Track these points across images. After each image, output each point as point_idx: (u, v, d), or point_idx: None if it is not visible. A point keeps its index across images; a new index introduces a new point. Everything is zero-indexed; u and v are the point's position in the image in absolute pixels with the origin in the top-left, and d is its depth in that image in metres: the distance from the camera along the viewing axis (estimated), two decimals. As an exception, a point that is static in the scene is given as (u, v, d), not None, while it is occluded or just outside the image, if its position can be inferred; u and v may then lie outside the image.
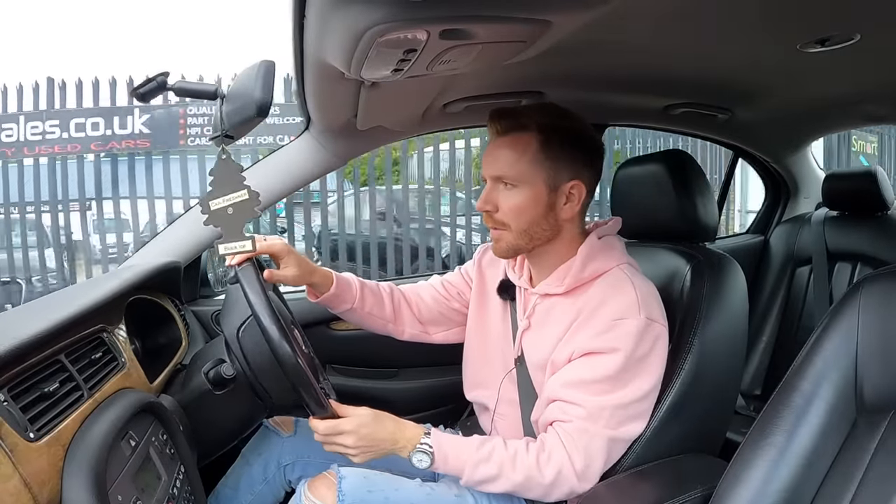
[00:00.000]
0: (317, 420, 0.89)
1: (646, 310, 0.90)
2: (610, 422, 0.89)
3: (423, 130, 1.47)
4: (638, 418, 0.92)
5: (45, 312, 0.84)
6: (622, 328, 0.88)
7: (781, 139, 1.82)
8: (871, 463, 0.66)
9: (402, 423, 0.93)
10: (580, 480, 0.89)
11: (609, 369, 0.88)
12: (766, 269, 1.93)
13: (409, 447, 0.90)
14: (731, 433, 1.14)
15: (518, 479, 0.89)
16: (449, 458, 0.90)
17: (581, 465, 0.88)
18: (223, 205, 0.89)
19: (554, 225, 0.96)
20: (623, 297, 0.91)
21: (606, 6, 0.61)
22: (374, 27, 0.58)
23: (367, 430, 0.89)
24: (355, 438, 0.88)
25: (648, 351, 0.90)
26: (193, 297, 1.44)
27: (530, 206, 0.93)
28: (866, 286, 0.71)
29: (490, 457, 0.90)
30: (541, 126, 0.93)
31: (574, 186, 0.94)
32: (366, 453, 0.90)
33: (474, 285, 1.15)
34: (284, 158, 1.33)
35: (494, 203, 0.95)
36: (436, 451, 0.90)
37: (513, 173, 0.93)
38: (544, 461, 0.89)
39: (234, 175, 0.89)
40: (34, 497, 0.63)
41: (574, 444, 0.89)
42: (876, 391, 0.68)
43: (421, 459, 0.90)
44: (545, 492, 0.90)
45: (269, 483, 1.12)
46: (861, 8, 0.78)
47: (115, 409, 0.81)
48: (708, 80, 1.18)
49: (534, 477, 0.88)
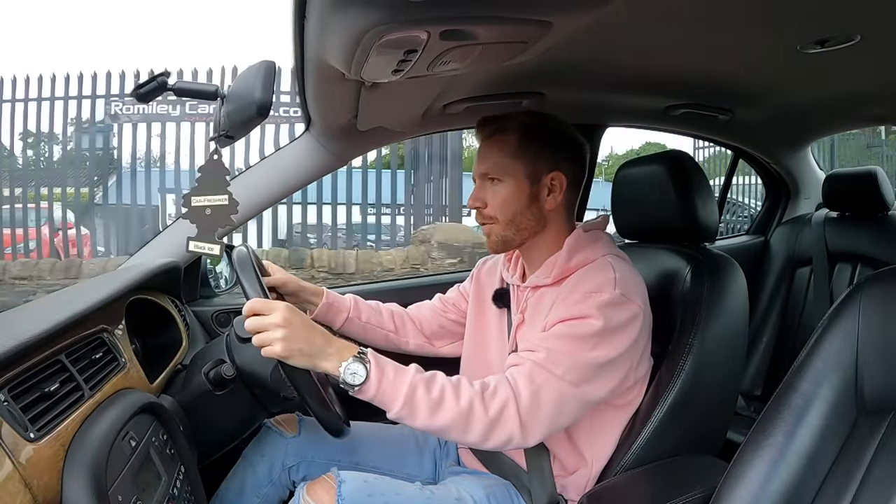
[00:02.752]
0: (250, 301, 0.86)
1: (621, 287, 0.91)
2: (568, 373, 0.87)
3: (423, 131, 1.47)
4: (600, 384, 0.89)
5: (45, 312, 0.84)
6: (595, 299, 0.90)
7: (782, 140, 1.82)
8: (872, 463, 0.66)
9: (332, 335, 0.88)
10: (523, 427, 0.85)
11: (579, 331, 0.88)
12: (766, 269, 1.93)
13: (343, 354, 0.84)
14: (731, 433, 1.14)
15: (460, 408, 0.84)
16: (386, 374, 0.84)
17: (527, 406, 0.85)
18: (203, 203, 0.90)
19: (539, 216, 1.01)
20: (600, 275, 0.93)
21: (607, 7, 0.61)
22: (375, 28, 0.58)
23: (301, 320, 0.85)
24: (285, 316, 0.83)
25: (620, 324, 0.90)
26: (194, 298, 1.44)
27: (514, 198, 0.99)
28: (866, 287, 0.71)
29: (432, 382, 0.86)
30: (521, 125, 1.00)
31: (554, 178, 1.00)
32: (291, 340, 0.82)
33: (472, 296, 1.19)
34: (284, 159, 1.33)
35: (483, 199, 1.02)
36: (373, 364, 0.84)
37: (496, 168, 1.00)
38: (489, 395, 0.86)
39: (220, 178, 0.90)
40: (34, 497, 0.63)
41: (524, 382, 0.86)
42: (876, 392, 0.68)
43: (355, 372, 0.83)
44: (485, 430, 0.85)
45: (275, 485, 1.11)
46: (861, 8, 0.78)
47: (115, 409, 0.81)
48: (708, 80, 1.18)
49: (476, 409, 0.84)
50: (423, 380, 0.85)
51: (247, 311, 0.85)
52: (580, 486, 0.99)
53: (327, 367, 0.84)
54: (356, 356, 0.84)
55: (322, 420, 0.93)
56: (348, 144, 1.31)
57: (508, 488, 1.01)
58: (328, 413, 0.93)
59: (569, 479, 1.00)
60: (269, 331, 0.83)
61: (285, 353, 0.83)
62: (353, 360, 0.84)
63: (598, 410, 0.97)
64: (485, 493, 0.98)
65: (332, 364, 0.84)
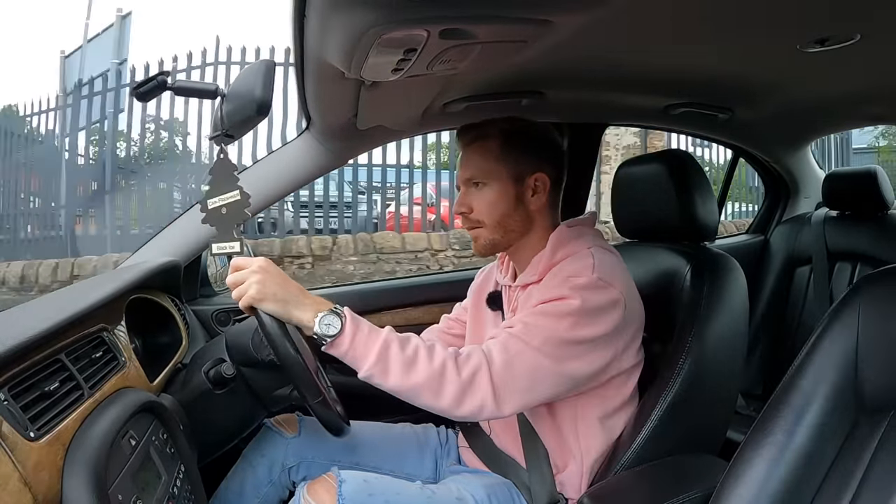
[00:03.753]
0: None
1: (599, 272, 0.92)
2: (544, 345, 0.87)
3: (423, 130, 1.47)
4: (576, 361, 0.89)
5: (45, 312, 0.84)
6: (572, 282, 0.91)
7: (782, 139, 1.82)
8: (872, 462, 0.66)
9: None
10: (495, 394, 0.85)
11: (557, 310, 0.89)
12: (766, 269, 1.93)
13: (319, 307, 0.85)
14: (731, 432, 1.14)
15: (433, 368, 0.84)
16: (361, 329, 0.85)
17: (499, 372, 0.85)
18: (218, 204, 0.91)
19: (525, 217, 1.02)
20: (579, 264, 0.94)
21: (607, 6, 0.61)
22: (374, 27, 0.58)
23: (278, 270, 0.87)
24: (261, 267, 0.85)
25: (599, 307, 0.90)
26: (194, 297, 1.44)
27: (500, 201, 1.01)
28: (866, 286, 0.72)
29: (406, 341, 0.86)
30: (501, 130, 1.02)
31: (538, 179, 1.02)
32: (264, 284, 0.84)
33: (470, 305, 1.20)
34: (284, 158, 1.33)
35: (468, 205, 1.03)
36: (348, 318, 0.85)
37: (480, 173, 1.02)
38: (463, 359, 0.86)
39: (230, 175, 0.90)
40: (34, 496, 0.63)
41: (497, 350, 0.87)
42: (876, 391, 0.68)
43: (330, 323, 0.84)
44: (457, 393, 0.84)
45: (275, 485, 1.11)
46: (861, 8, 0.78)
47: (115, 409, 0.81)
48: (708, 79, 1.18)
49: (448, 371, 0.84)
50: (398, 338, 0.87)
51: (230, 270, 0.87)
52: (575, 483, 0.99)
53: (301, 317, 0.84)
54: (332, 310, 0.85)
55: (322, 418, 0.93)
56: (348, 143, 1.31)
57: (509, 487, 1.02)
58: (328, 411, 0.93)
59: (570, 480, 1.00)
60: (246, 279, 0.85)
61: (259, 296, 0.84)
62: (328, 313, 0.84)
63: (580, 400, 0.97)
64: (485, 492, 0.98)
65: (306, 314, 0.84)
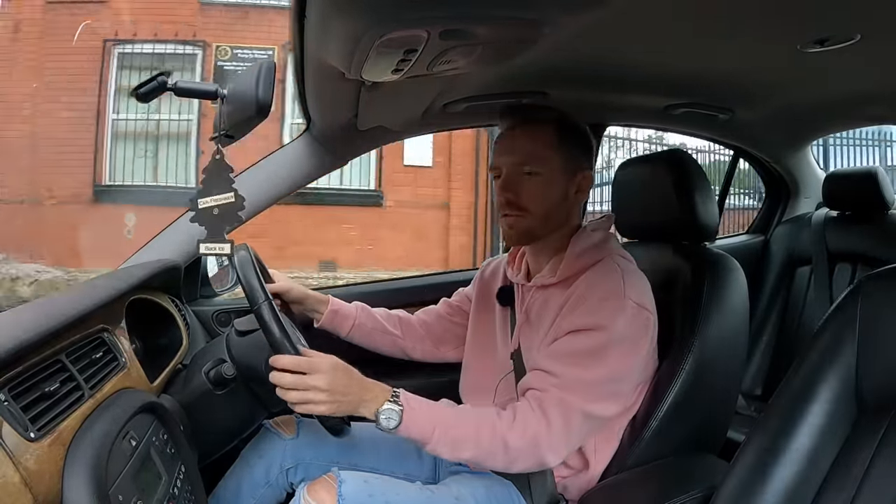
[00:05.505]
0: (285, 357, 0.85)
1: (631, 294, 0.91)
2: (587, 395, 0.89)
3: (423, 130, 1.47)
4: (614, 398, 0.92)
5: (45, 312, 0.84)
6: (606, 308, 0.90)
7: (782, 139, 1.82)
8: (872, 462, 0.66)
9: (366, 379, 0.90)
10: (551, 450, 0.88)
11: (590, 345, 0.89)
12: (766, 269, 1.93)
13: (378, 400, 0.86)
14: (731, 433, 1.14)
15: (491, 440, 0.86)
16: (418, 415, 0.87)
17: (555, 434, 0.88)
18: (210, 204, 0.90)
19: (566, 213, 1.01)
20: (610, 282, 0.93)
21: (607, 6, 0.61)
22: (375, 27, 0.58)
23: (342, 373, 0.86)
24: (329, 380, 0.84)
25: (632, 333, 0.91)
26: (194, 297, 1.44)
27: (551, 192, 0.98)
28: (866, 286, 0.71)
29: (463, 416, 0.89)
30: (557, 117, 1.00)
31: (585, 177, 1.01)
32: (336, 403, 0.84)
33: (475, 298, 1.18)
34: (285, 158, 1.33)
35: (516, 190, 0.99)
36: (405, 406, 0.87)
37: (534, 159, 0.97)
38: (519, 425, 0.88)
39: (225, 176, 0.89)
40: (34, 497, 0.63)
41: (550, 412, 0.88)
42: (876, 391, 0.68)
43: (389, 417, 0.86)
44: (513, 458, 0.88)
45: (272, 486, 1.10)
46: (861, 8, 0.78)
47: (115, 409, 0.81)
48: (708, 80, 1.18)
49: (507, 439, 0.87)
50: (454, 415, 0.89)
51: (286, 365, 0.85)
52: (582, 486, 0.99)
53: (365, 414, 0.87)
54: (390, 399, 0.87)
55: (322, 420, 0.93)
56: (348, 144, 1.31)
57: (509, 488, 1.01)
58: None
59: (570, 480, 1.00)
60: (311, 393, 0.84)
61: (329, 413, 0.86)
62: (387, 404, 0.86)
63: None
64: (485, 492, 0.98)
65: (368, 411, 0.87)
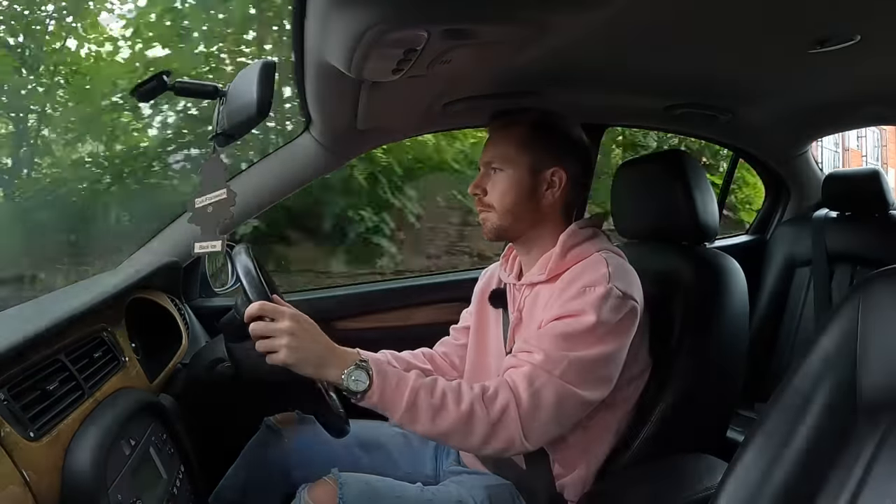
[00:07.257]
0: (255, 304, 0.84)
1: (617, 282, 0.91)
2: (567, 373, 0.86)
3: (423, 130, 1.47)
4: (598, 383, 0.90)
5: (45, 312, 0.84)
6: (590, 294, 0.90)
7: (782, 139, 1.82)
8: (871, 463, 0.66)
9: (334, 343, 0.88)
10: (524, 430, 0.85)
11: (575, 329, 0.88)
12: (766, 269, 1.93)
13: (346, 362, 0.84)
14: (730, 433, 1.14)
15: (461, 412, 0.84)
16: (388, 380, 0.84)
17: (527, 408, 0.85)
18: (205, 203, 0.90)
19: (536, 210, 1.02)
20: (595, 271, 0.93)
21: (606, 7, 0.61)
22: (375, 27, 0.58)
23: (308, 325, 0.85)
24: (293, 326, 0.83)
25: (617, 320, 0.89)
26: (194, 297, 1.44)
27: (513, 189, 1.01)
28: (866, 287, 0.71)
29: (433, 386, 0.86)
30: (530, 119, 1.03)
31: (555, 173, 1.01)
32: (297, 350, 0.82)
33: (474, 304, 1.18)
34: (284, 158, 1.33)
35: (483, 187, 1.03)
36: (375, 370, 0.84)
37: (500, 158, 1.02)
38: (490, 398, 0.85)
39: (220, 174, 0.89)
40: (34, 496, 0.63)
41: (524, 384, 0.86)
42: (876, 392, 0.68)
43: (358, 378, 0.83)
44: (486, 434, 0.84)
45: (272, 486, 1.11)
46: (861, 8, 0.78)
47: (115, 409, 0.81)
48: (709, 81, 1.18)
49: (477, 413, 0.84)
50: (424, 385, 0.85)
51: (252, 313, 0.84)
52: (578, 485, 0.99)
53: (330, 376, 0.84)
54: (357, 364, 0.84)
55: (323, 420, 0.93)
56: (348, 144, 1.31)
57: (509, 488, 1.01)
58: (329, 412, 0.93)
59: (567, 480, 0.99)
60: (276, 337, 0.82)
61: (291, 362, 0.82)
62: (355, 368, 0.83)
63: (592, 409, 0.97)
64: (485, 493, 0.98)
65: (335, 372, 0.84)
